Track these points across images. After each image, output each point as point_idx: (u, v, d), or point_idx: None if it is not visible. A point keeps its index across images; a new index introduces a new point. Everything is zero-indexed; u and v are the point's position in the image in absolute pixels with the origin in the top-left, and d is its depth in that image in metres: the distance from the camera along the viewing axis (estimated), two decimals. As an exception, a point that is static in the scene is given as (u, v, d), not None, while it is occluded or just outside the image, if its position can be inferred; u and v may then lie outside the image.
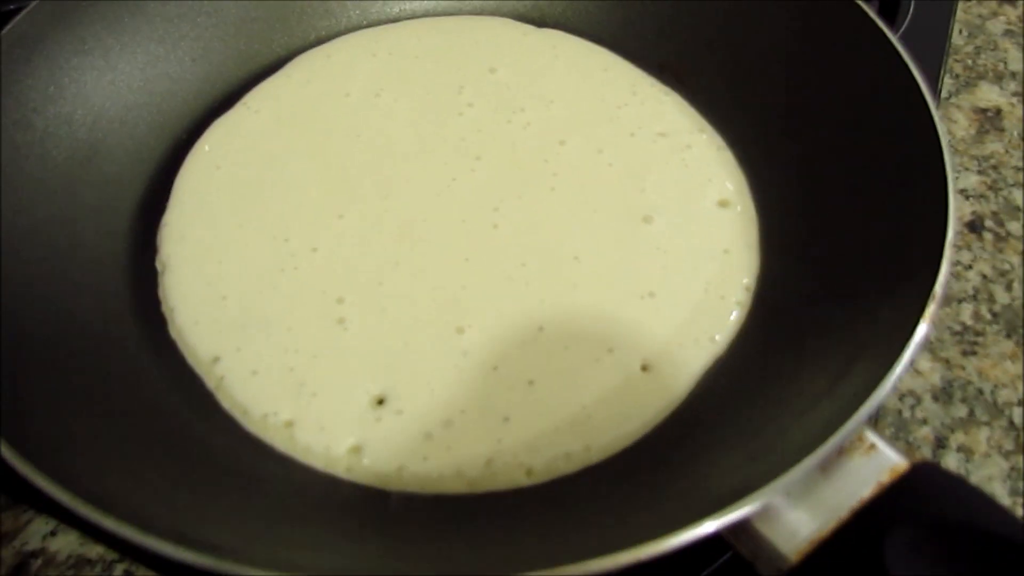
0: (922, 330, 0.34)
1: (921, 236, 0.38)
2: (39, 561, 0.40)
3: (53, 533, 0.41)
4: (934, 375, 0.48)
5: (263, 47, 0.55)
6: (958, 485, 0.33)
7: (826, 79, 0.47)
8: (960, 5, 0.69)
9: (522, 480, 0.37)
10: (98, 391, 0.38)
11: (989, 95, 0.62)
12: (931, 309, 0.34)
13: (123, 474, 0.33)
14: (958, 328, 0.50)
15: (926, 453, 0.44)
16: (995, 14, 0.69)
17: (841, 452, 0.32)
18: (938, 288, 0.35)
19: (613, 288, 0.43)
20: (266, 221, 0.46)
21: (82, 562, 0.40)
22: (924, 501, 0.32)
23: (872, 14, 0.45)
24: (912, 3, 0.63)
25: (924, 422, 0.46)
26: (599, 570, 0.27)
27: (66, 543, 0.40)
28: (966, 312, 0.50)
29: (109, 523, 0.27)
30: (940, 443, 0.45)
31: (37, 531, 0.41)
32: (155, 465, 0.35)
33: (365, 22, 0.58)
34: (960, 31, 0.67)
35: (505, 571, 0.27)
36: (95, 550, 0.40)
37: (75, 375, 0.38)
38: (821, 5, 0.48)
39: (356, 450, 0.38)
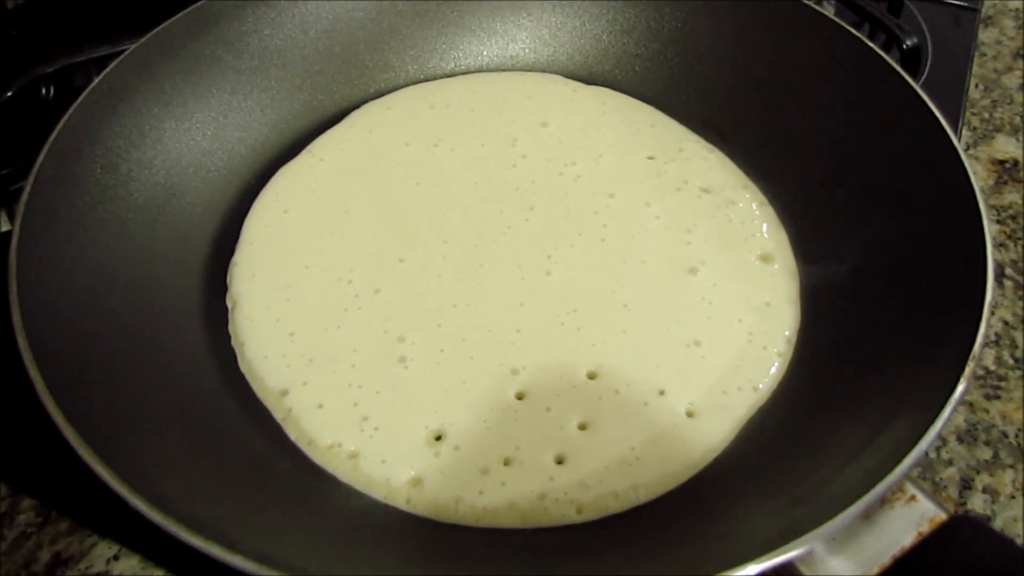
0: (962, 388, 0.35)
1: (960, 294, 0.39)
2: (103, 583, 0.41)
3: (116, 557, 0.42)
4: (958, 417, 0.49)
5: (327, 98, 0.58)
6: (995, 537, 0.34)
7: (864, 139, 0.49)
8: (976, 60, 0.71)
9: (572, 517, 0.39)
10: (176, 417, 0.40)
11: (1006, 147, 0.64)
12: (971, 367, 0.36)
13: (203, 496, 0.35)
14: (981, 372, 0.51)
15: (952, 494, 0.45)
16: (1010, 69, 0.71)
17: (883, 501, 0.34)
18: (977, 347, 0.36)
19: (660, 336, 0.45)
20: (331, 263, 0.48)
21: (144, 584, 0.41)
22: (962, 552, 0.32)
23: (910, 79, 0.47)
24: (929, 59, 0.65)
25: (950, 463, 0.47)
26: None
27: (128, 566, 0.42)
28: (988, 357, 0.51)
29: (198, 542, 0.29)
30: (966, 484, 0.46)
31: (101, 555, 0.42)
32: (230, 489, 0.37)
33: (422, 76, 0.61)
34: (976, 85, 0.69)
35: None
36: (156, 573, 0.41)
37: (154, 401, 0.40)
38: (860, 68, 0.50)
39: (416, 482, 0.40)
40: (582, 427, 0.42)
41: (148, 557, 0.42)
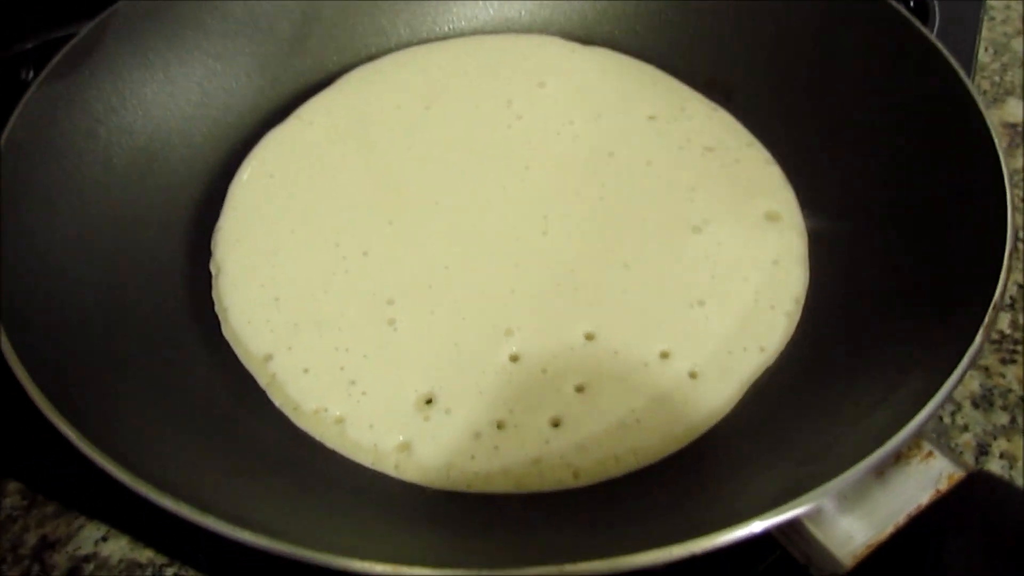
0: (980, 339, 0.33)
1: (976, 249, 0.38)
2: (91, 565, 0.40)
3: (104, 538, 0.41)
4: (973, 382, 0.47)
5: (316, 63, 0.57)
6: (1015, 494, 0.32)
7: (873, 94, 0.47)
8: (985, 24, 0.69)
9: (569, 481, 0.37)
10: (156, 384, 0.38)
11: (1017, 111, 0.63)
12: (990, 316, 0.34)
13: (181, 463, 0.34)
14: (996, 336, 0.49)
15: (969, 459, 0.44)
16: (1020, 32, 0.70)
17: (898, 459, 0.32)
18: (997, 295, 0.34)
19: (662, 295, 0.43)
20: (318, 227, 0.47)
21: (133, 566, 0.40)
22: (982, 509, 0.31)
23: (926, 31, 0.45)
24: (937, 22, 0.63)
25: (966, 428, 0.45)
26: (650, 563, 0.27)
27: (117, 548, 0.41)
28: (1004, 321, 0.50)
29: (168, 503, 0.28)
30: (983, 449, 0.44)
31: (89, 536, 0.41)
32: (210, 456, 0.36)
33: (415, 39, 0.59)
34: (986, 49, 0.68)
35: (554, 561, 0.27)
36: (145, 554, 0.40)
37: (135, 369, 0.39)
38: (868, 21, 0.48)
39: (404, 448, 0.38)
40: (579, 389, 0.40)
41: (137, 538, 0.41)
